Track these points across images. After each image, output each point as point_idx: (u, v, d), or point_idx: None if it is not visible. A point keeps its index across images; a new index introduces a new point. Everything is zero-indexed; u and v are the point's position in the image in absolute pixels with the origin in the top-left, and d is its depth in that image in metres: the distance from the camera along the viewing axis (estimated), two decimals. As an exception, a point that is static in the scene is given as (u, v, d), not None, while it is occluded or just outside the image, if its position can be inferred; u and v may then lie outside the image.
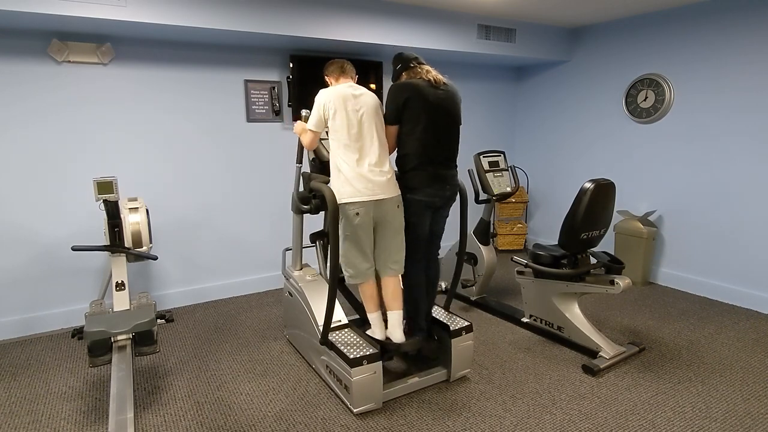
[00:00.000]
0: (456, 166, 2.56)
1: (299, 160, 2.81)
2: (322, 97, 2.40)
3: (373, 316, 2.54)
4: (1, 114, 3.07)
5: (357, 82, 2.61)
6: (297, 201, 2.75)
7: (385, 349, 2.47)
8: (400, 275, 2.52)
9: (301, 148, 2.76)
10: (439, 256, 2.73)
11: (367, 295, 2.52)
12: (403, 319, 2.54)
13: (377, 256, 2.49)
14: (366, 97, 2.43)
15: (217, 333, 3.33)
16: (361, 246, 2.41)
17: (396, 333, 2.48)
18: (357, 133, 2.36)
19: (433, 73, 2.45)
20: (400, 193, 2.43)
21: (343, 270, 2.49)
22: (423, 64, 2.50)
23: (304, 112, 2.66)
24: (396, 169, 2.52)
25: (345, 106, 2.36)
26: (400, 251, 2.48)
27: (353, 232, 2.37)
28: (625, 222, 4.26)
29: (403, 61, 2.51)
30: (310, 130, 2.45)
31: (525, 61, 4.87)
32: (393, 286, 2.50)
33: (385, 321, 2.57)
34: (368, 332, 2.55)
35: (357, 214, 2.32)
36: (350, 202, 2.32)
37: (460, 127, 2.56)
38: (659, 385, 2.61)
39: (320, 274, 2.99)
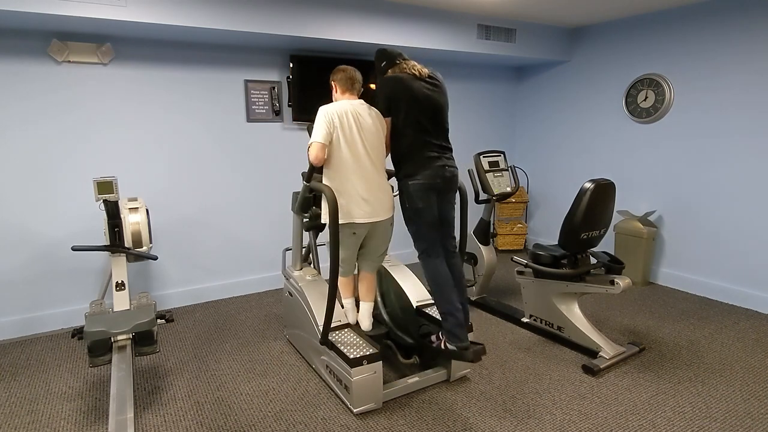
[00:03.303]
0: (451, 150, 2.54)
1: (308, 180, 2.56)
2: (328, 111, 2.36)
3: (348, 302, 2.72)
4: (1, 114, 3.07)
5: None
6: (298, 205, 2.76)
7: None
8: (375, 272, 2.74)
9: (312, 167, 2.49)
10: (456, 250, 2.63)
11: (345, 283, 2.71)
12: (442, 331, 2.48)
13: (360, 255, 2.65)
14: (368, 116, 2.41)
15: (217, 333, 3.33)
16: (351, 255, 2.58)
17: (365, 322, 2.65)
18: (357, 153, 2.36)
19: (418, 67, 2.46)
20: (393, 213, 2.53)
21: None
22: (407, 60, 2.51)
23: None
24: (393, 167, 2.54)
25: (347, 125, 2.35)
26: (383, 254, 2.70)
27: (343, 243, 2.45)
28: (625, 222, 4.26)
29: (388, 57, 2.51)
30: (317, 141, 2.30)
31: (525, 61, 4.87)
32: (369, 280, 2.72)
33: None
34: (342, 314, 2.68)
35: (354, 233, 2.46)
36: (349, 223, 2.39)
37: (448, 114, 2.55)
38: (659, 385, 2.61)
39: (312, 264, 3.10)
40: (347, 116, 2.35)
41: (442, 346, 2.45)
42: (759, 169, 3.58)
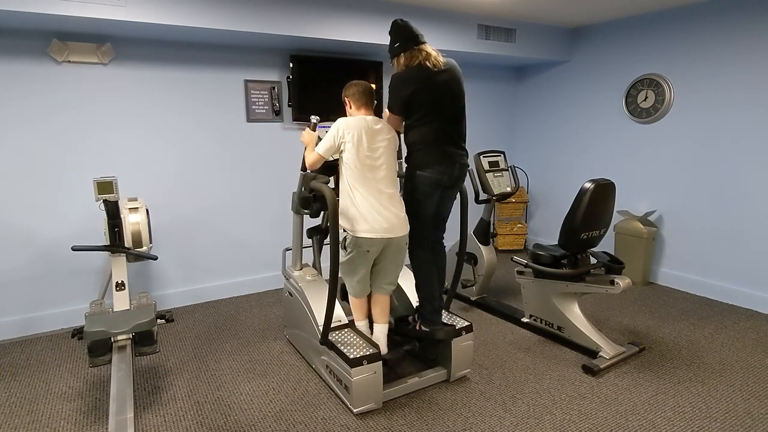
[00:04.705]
0: (464, 146, 2.53)
1: (303, 168, 2.67)
2: (340, 126, 2.34)
3: (361, 324, 2.63)
4: (1, 114, 3.07)
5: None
6: (297, 204, 2.75)
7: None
8: (388, 295, 2.62)
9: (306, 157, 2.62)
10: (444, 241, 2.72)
11: (356, 305, 2.62)
12: (417, 315, 2.65)
13: (373, 275, 2.54)
14: (384, 131, 2.41)
15: (217, 333, 3.33)
16: (360, 274, 2.47)
17: (381, 344, 2.51)
18: (374, 169, 2.35)
19: (433, 56, 2.38)
20: (408, 231, 2.44)
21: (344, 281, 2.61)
22: (423, 43, 2.41)
23: (313, 119, 2.62)
24: (404, 153, 2.54)
25: (364, 141, 2.33)
26: (396, 275, 2.57)
27: (357, 263, 2.42)
28: (625, 222, 4.26)
29: (403, 38, 2.40)
30: (318, 152, 2.39)
31: (525, 61, 4.87)
32: (383, 303, 2.59)
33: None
34: None
35: (368, 251, 2.38)
36: (364, 237, 2.32)
37: (464, 100, 2.51)
38: (659, 385, 2.61)
39: (315, 267, 3.06)
40: (362, 132, 2.33)
41: (417, 327, 2.62)
42: (759, 169, 3.58)
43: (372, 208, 2.32)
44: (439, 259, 2.65)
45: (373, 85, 4.19)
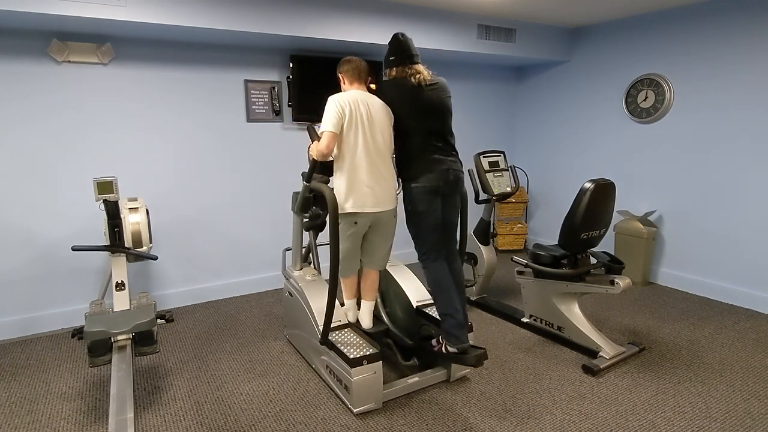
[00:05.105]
0: (455, 152, 2.54)
1: (308, 180, 2.58)
2: (337, 100, 2.35)
3: (350, 302, 2.74)
4: (1, 114, 3.07)
5: None
6: (298, 205, 2.76)
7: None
8: (379, 271, 2.72)
9: (312, 167, 2.55)
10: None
11: (347, 285, 2.71)
12: (441, 334, 2.50)
13: (364, 252, 2.62)
14: (377, 105, 2.42)
15: (217, 333, 3.33)
16: (352, 251, 2.54)
17: (365, 320, 2.67)
18: (366, 142, 2.36)
19: (423, 75, 2.42)
20: (396, 205, 2.51)
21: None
22: (416, 64, 2.47)
23: (318, 129, 2.57)
24: (396, 168, 2.54)
25: (358, 114, 2.34)
26: (387, 248, 2.65)
27: (345, 235, 2.45)
28: (625, 222, 4.26)
29: (399, 54, 2.46)
30: (327, 130, 2.28)
31: (525, 61, 4.87)
32: (372, 279, 2.70)
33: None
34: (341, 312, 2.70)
35: (355, 222, 2.43)
36: (351, 212, 2.38)
37: (451, 117, 2.54)
38: (659, 385, 2.61)
39: (311, 264, 3.09)
40: (358, 105, 2.36)
41: (443, 350, 2.48)
42: (759, 169, 3.58)
43: (363, 183, 2.35)
44: (456, 271, 2.54)
45: (373, 85, 4.21)
